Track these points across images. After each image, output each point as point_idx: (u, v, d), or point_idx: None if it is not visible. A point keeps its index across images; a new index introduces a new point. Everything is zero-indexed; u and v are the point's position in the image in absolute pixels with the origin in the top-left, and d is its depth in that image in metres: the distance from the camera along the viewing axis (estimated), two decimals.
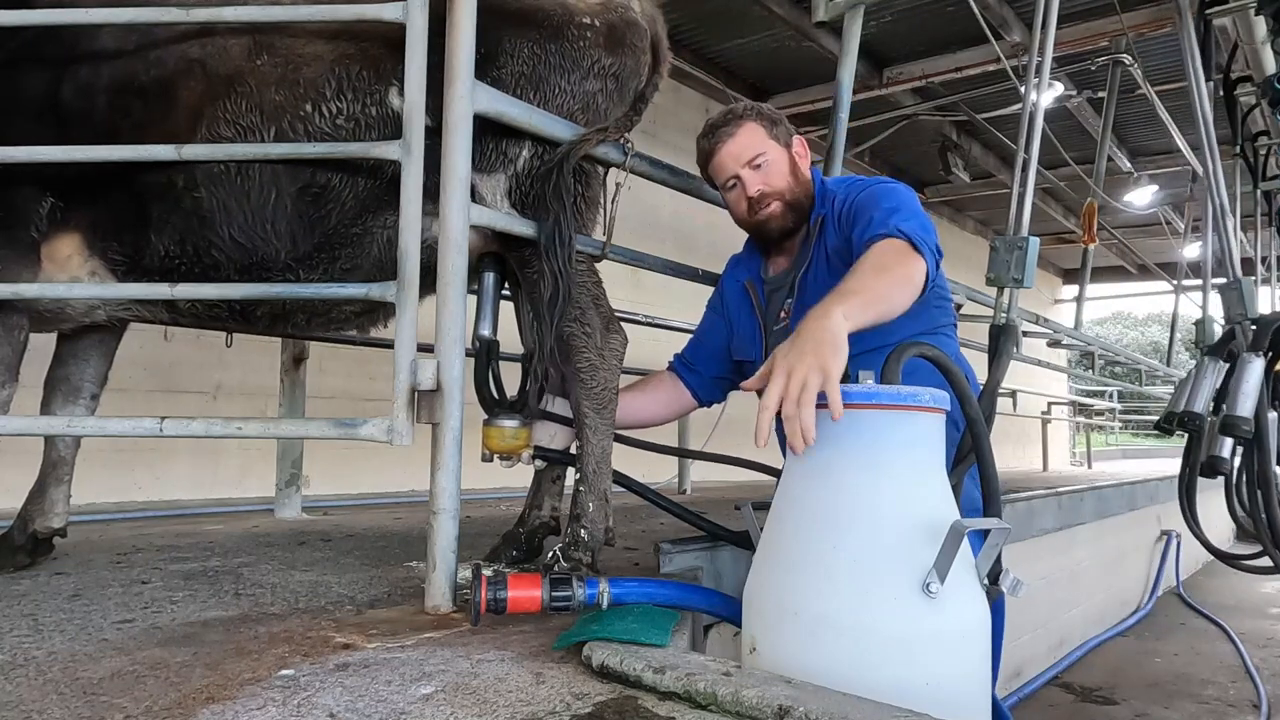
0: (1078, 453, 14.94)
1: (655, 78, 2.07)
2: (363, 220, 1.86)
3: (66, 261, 1.87)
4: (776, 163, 1.93)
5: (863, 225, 1.77)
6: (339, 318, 2.06)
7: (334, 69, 1.80)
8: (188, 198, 1.80)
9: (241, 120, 1.78)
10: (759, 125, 1.93)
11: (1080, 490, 5.41)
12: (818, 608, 1.23)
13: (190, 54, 1.80)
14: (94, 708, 1.08)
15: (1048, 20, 2.62)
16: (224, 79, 1.79)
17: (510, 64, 1.85)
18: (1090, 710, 4.46)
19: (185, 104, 1.79)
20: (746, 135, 1.91)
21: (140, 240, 1.85)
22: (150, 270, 1.88)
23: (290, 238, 1.83)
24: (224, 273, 1.86)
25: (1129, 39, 6.08)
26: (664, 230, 6.51)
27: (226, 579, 1.98)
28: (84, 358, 2.18)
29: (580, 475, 1.90)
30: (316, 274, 1.89)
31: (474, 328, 1.98)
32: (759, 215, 1.94)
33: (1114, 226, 10.98)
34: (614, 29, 1.95)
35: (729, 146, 1.92)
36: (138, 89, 1.80)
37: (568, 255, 1.81)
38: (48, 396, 2.17)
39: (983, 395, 1.92)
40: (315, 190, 1.81)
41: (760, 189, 1.91)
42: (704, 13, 6.27)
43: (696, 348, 2.21)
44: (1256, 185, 5.19)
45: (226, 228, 1.81)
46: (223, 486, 4.64)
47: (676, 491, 5.18)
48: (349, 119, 1.80)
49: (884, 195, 1.83)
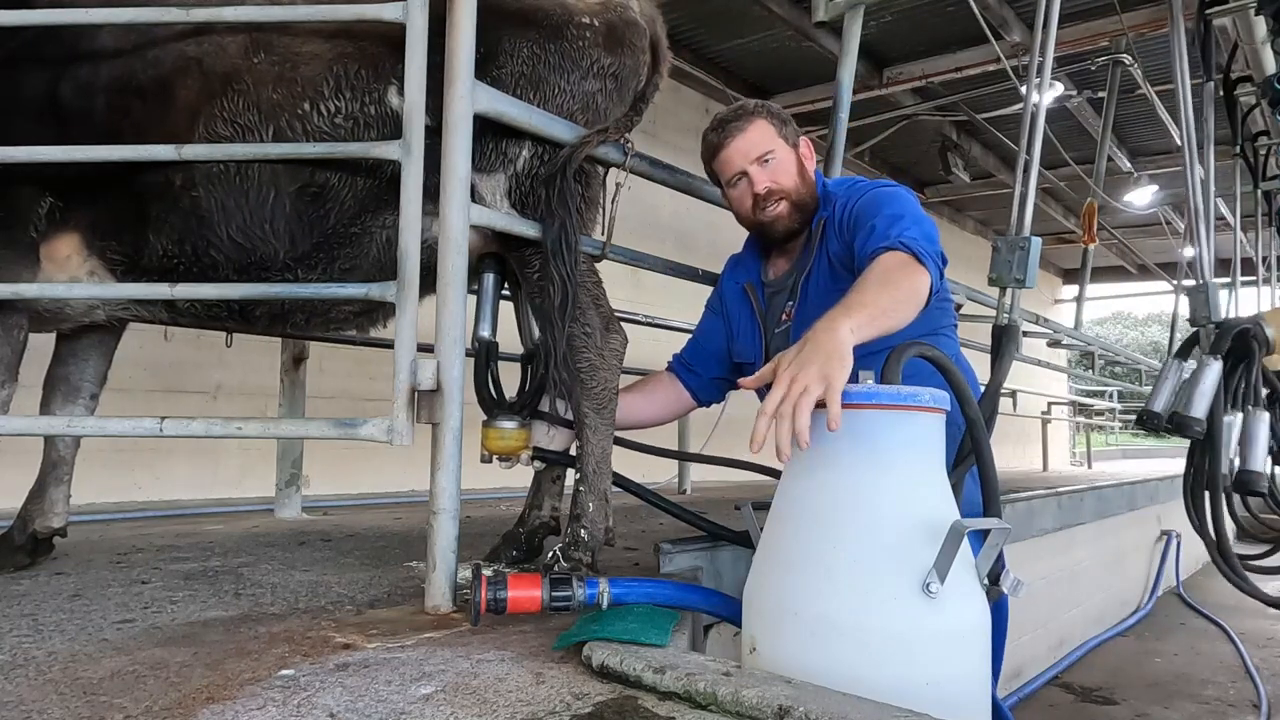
0: (1078, 453, 14.94)
1: (656, 78, 2.07)
2: (361, 220, 1.86)
3: (65, 261, 1.87)
4: (785, 162, 1.92)
5: (865, 233, 1.76)
6: (338, 318, 2.06)
7: (332, 68, 1.80)
8: (186, 197, 1.80)
9: (239, 119, 1.77)
10: (769, 123, 1.92)
11: (1080, 490, 5.41)
12: (818, 608, 1.22)
13: (188, 52, 1.80)
14: (94, 708, 1.07)
15: (1048, 20, 2.62)
16: (221, 77, 1.78)
17: (510, 64, 1.85)
18: (1090, 710, 4.46)
19: (183, 103, 1.79)
20: (757, 131, 1.91)
21: (139, 240, 1.85)
22: (149, 270, 1.88)
23: (289, 237, 1.83)
24: (222, 272, 1.86)
25: (1129, 39, 6.08)
26: (664, 230, 6.51)
27: (226, 579, 1.98)
28: (83, 357, 2.18)
29: (580, 475, 1.90)
30: (315, 274, 1.89)
31: (474, 328, 1.98)
32: (765, 214, 1.93)
33: (1114, 226, 10.99)
34: (613, 29, 1.95)
35: (738, 142, 1.91)
36: (136, 88, 1.80)
37: (575, 260, 1.82)
38: (47, 396, 2.17)
39: (985, 396, 1.92)
40: (314, 190, 1.81)
41: (768, 186, 1.90)
42: (704, 13, 6.27)
43: (695, 349, 2.21)
44: (1256, 185, 5.18)
45: (225, 227, 1.81)
46: (223, 487, 4.64)
47: (676, 492, 5.18)
48: (348, 118, 1.80)
49: (885, 201, 1.82)
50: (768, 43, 6.79)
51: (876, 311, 1.49)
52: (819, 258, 1.92)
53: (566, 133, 1.86)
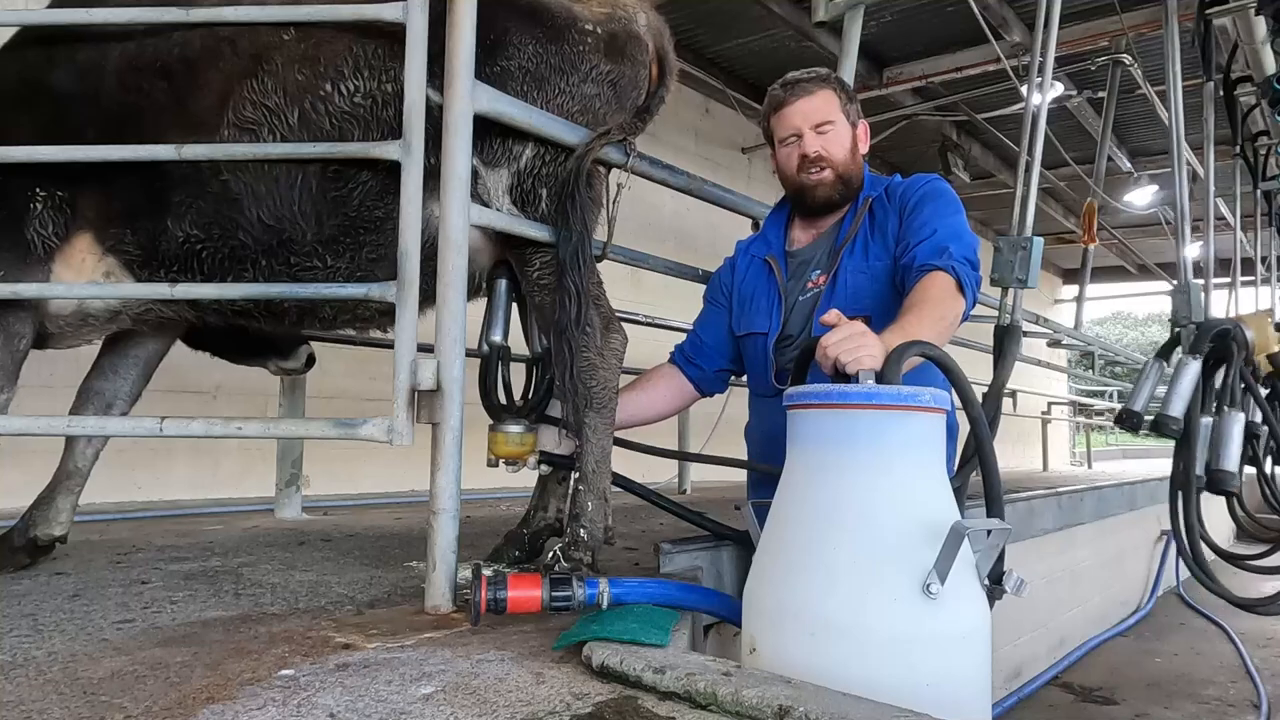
0: (1078, 453, 14.94)
1: (662, 90, 2.09)
2: (385, 202, 1.82)
3: (80, 264, 1.86)
4: (841, 135, 1.97)
5: (922, 233, 1.83)
6: (364, 315, 2.03)
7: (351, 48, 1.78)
8: (215, 181, 1.78)
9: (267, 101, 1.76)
10: (836, 95, 1.97)
11: (1080, 490, 5.41)
12: (818, 608, 1.22)
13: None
14: (94, 708, 1.07)
15: (1049, 20, 2.62)
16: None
17: (518, 56, 1.86)
18: (1090, 710, 4.45)
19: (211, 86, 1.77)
20: (822, 99, 1.95)
21: (157, 228, 1.82)
22: (169, 261, 1.85)
23: (315, 218, 1.80)
24: (250, 255, 1.83)
25: (1129, 39, 6.08)
26: (664, 230, 6.51)
27: (226, 579, 1.98)
28: (123, 375, 2.22)
29: (579, 474, 1.90)
30: (344, 261, 1.87)
31: (485, 333, 1.99)
32: (809, 178, 1.97)
33: (1114, 226, 10.99)
34: (615, 38, 1.98)
35: (802, 103, 1.95)
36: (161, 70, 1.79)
37: (589, 273, 1.84)
38: (79, 407, 2.18)
39: (988, 396, 1.93)
40: (335, 168, 1.79)
41: (819, 151, 1.95)
42: (704, 13, 6.26)
43: (697, 344, 2.21)
44: (1256, 185, 5.18)
45: (255, 209, 1.79)
46: (223, 487, 4.64)
47: (676, 491, 5.18)
48: (366, 96, 1.78)
49: (945, 205, 1.89)
50: (767, 43, 6.78)
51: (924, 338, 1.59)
52: (860, 233, 1.96)
53: (566, 133, 1.86)
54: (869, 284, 1.92)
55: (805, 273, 2.03)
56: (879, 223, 1.96)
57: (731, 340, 2.17)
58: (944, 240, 1.79)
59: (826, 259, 2.01)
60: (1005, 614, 1.84)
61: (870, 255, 1.93)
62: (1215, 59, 3.91)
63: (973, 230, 1.89)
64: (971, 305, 1.80)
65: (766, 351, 2.03)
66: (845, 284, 1.94)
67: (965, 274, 1.75)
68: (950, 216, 1.86)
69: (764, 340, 2.03)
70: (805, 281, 2.02)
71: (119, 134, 1.77)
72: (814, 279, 2.01)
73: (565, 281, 1.80)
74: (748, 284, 2.14)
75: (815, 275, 2.01)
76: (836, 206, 2.02)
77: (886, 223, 1.94)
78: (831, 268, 1.97)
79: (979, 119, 8.01)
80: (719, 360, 2.19)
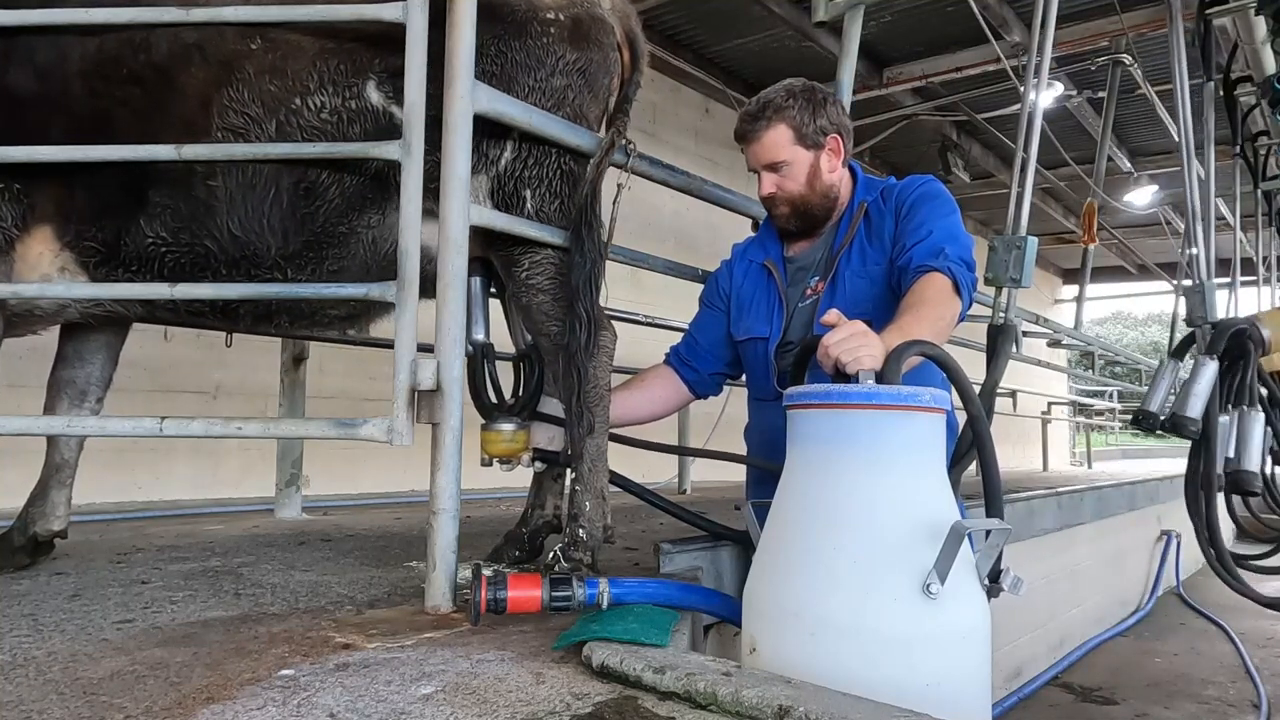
0: (1078, 453, 14.94)
1: (635, 75, 2.06)
2: (349, 219, 1.83)
3: (37, 259, 1.83)
4: (795, 168, 1.98)
5: (918, 234, 1.85)
6: (323, 321, 2.04)
7: (315, 63, 1.77)
8: (202, 185, 1.77)
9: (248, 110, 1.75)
10: (788, 128, 1.96)
11: (1080, 490, 5.41)
12: (818, 608, 1.22)
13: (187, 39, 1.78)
14: (94, 708, 1.07)
15: (1047, 20, 2.62)
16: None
17: (480, 61, 1.82)
18: (1090, 710, 4.46)
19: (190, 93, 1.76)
20: (771, 140, 1.97)
21: (123, 227, 1.81)
22: (128, 261, 1.83)
23: (282, 233, 1.81)
24: (213, 264, 1.82)
25: (1129, 39, 6.09)
26: (664, 230, 6.51)
27: (226, 579, 1.98)
28: (90, 360, 2.16)
29: (576, 474, 1.90)
30: (304, 275, 1.86)
31: (467, 333, 1.98)
32: (769, 211, 2.06)
33: (1114, 226, 10.99)
34: (579, 23, 1.93)
35: (753, 146, 2.00)
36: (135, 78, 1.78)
37: (597, 296, 1.86)
38: (52, 399, 2.13)
39: (980, 394, 1.93)
40: (306, 185, 1.79)
41: (771, 192, 2.00)
42: (704, 13, 6.26)
43: (693, 347, 2.21)
44: (1257, 185, 5.18)
45: (227, 219, 1.78)
46: (223, 487, 4.64)
47: (676, 491, 5.18)
48: (332, 113, 1.78)
49: (940, 206, 1.91)
50: (768, 43, 6.78)
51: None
52: (857, 239, 1.98)
53: (565, 132, 1.86)
54: (867, 288, 1.93)
55: (804, 279, 2.04)
56: (875, 227, 1.96)
57: (727, 344, 2.16)
58: (940, 241, 1.80)
59: (824, 265, 2.01)
60: (1005, 614, 1.83)
61: (868, 260, 1.94)
62: (1215, 59, 3.90)
63: (973, 230, 1.89)
64: (968, 306, 1.81)
65: (767, 356, 2.03)
66: (844, 289, 1.94)
67: (961, 275, 1.76)
68: (945, 217, 1.87)
69: (764, 345, 2.03)
70: (804, 288, 2.03)
71: (94, 131, 1.75)
72: (812, 285, 2.01)
73: (576, 308, 1.81)
74: (746, 288, 2.14)
75: (813, 281, 2.01)
76: (808, 231, 2.05)
77: (883, 226, 1.94)
78: (829, 274, 1.97)
79: (979, 119, 8.01)
80: (714, 364, 2.19)
